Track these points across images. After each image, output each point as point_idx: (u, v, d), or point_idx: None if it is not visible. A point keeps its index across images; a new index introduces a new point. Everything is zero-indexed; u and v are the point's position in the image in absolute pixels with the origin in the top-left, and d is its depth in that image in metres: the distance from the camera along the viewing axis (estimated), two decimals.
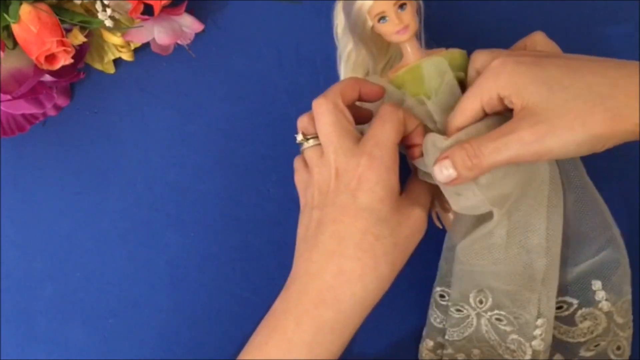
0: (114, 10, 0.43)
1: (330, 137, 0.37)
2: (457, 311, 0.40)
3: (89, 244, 0.48)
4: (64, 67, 0.41)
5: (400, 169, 0.38)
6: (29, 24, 0.39)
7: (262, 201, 0.47)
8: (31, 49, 0.40)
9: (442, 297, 0.42)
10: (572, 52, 0.47)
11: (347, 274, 0.35)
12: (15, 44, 0.41)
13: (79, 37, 0.43)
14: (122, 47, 0.47)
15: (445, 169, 0.36)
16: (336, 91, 0.38)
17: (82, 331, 0.47)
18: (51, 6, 0.41)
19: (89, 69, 0.48)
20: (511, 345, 0.39)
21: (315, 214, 0.38)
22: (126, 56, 0.48)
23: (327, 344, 0.36)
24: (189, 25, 0.46)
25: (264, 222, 0.47)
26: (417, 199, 0.39)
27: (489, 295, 0.39)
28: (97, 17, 0.43)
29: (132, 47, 0.48)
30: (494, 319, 0.39)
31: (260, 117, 0.48)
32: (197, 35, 0.47)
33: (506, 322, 0.39)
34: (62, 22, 0.41)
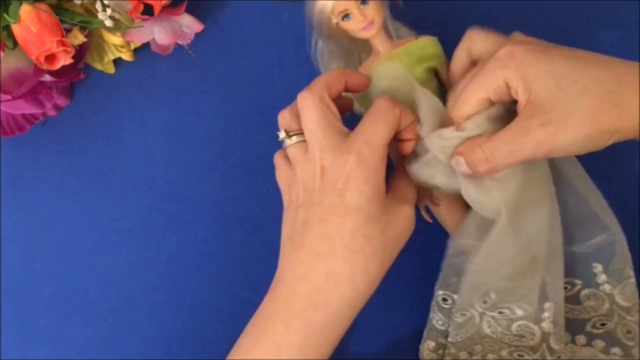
0: (114, 10, 0.43)
1: (315, 133, 0.36)
2: (462, 315, 0.40)
3: (89, 244, 0.48)
4: (64, 67, 0.41)
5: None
6: (29, 24, 0.39)
7: (262, 201, 0.47)
8: (31, 49, 0.40)
9: (445, 300, 0.41)
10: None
11: (337, 276, 0.35)
12: (15, 44, 0.41)
13: (79, 37, 0.43)
14: (122, 47, 0.47)
15: (462, 167, 0.36)
16: (322, 84, 0.37)
17: (82, 331, 0.47)
18: (51, 6, 0.41)
19: (89, 69, 0.48)
20: (518, 331, 0.38)
21: (300, 213, 0.37)
22: (126, 56, 0.48)
23: (317, 346, 0.35)
24: (189, 25, 0.46)
25: (264, 222, 0.47)
26: (403, 197, 0.38)
27: (493, 294, 0.39)
28: (97, 17, 0.43)
29: (132, 47, 0.48)
30: (496, 312, 0.39)
31: (260, 117, 0.48)
32: (197, 35, 0.47)
33: (509, 312, 0.38)
34: (62, 22, 0.41)
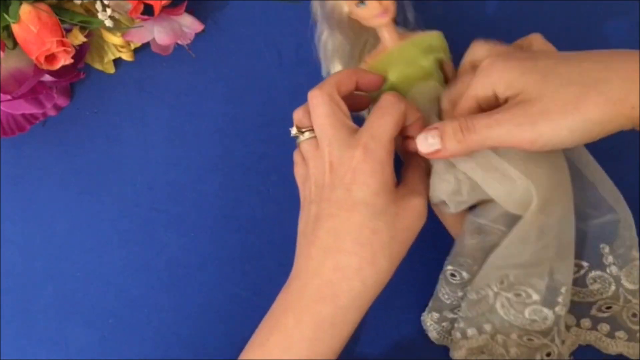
0: (114, 10, 0.43)
1: (324, 129, 0.37)
2: (477, 294, 0.39)
3: (89, 244, 0.48)
4: (64, 67, 0.41)
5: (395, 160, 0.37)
6: (29, 24, 0.39)
7: (262, 201, 0.47)
8: (31, 49, 0.40)
9: (453, 276, 0.41)
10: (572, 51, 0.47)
11: (345, 269, 0.35)
12: (15, 44, 0.41)
13: (79, 37, 0.43)
14: (122, 47, 0.47)
15: (431, 138, 0.36)
16: (332, 83, 0.37)
17: (82, 331, 0.47)
18: (51, 6, 0.41)
19: (89, 69, 0.48)
20: (532, 315, 0.38)
21: (313, 209, 0.38)
22: (126, 56, 0.48)
23: (327, 339, 0.36)
24: (189, 25, 0.46)
25: (264, 222, 0.47)
26: (414, 189, 0.38)
27: (512, 276, 0.38)
28: (97, 17, 0.43)
29: (132, 47, 0.48)
30: (511, 294, 0.38)
31: (260, 117, 0.48)
32: (197, 35, 0.48)
33: (525, 295, 0.38)
34: (62, 22, 0.41)
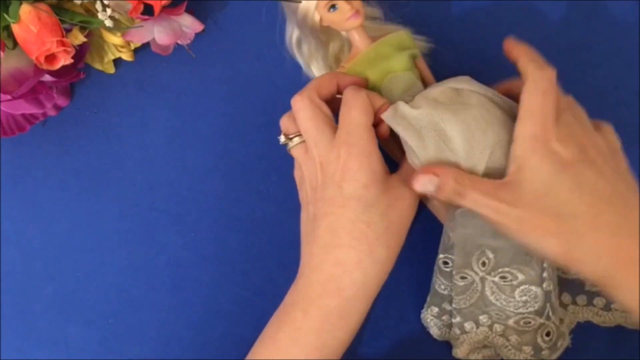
0: (114, 10, 0.43)
1: (309, 131, 0.38)
2: (462, 279, 0.40)
3: (89, 244, 0.48)
4: (64, 67, 0.41)
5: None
6: (29, 24, 0.39)
7: (262, 201, 0.47)
8: (31, 49, 0.40)
9: (446, 263, 0.41)
10: (571, 51, 0.48)
11: (345, 263, 0.36)
12: (15, 44, 0.41)
13: (79, 37, 0.43)
14: (122, 47, 0.47)
15: (429, 184, 0.36)
16: (312, 87, 0.39)
17: (82, 331, 0.47)
18: (51, 6, 0.41)
19: (89, 69, 0.48)
20: (522, 296, 0.39)
21: (310, 209, 0.39)
22: (126, 56, 0.48)
23: (335, 331, 0.37)
24: (189, 25, 0.46)
25: (264, 222, 0.47)
26: (407, 178, 0.39)
27: (491, 255, 0.39)
28: (97, 17, 0.43)
29: (132, 47, 0.48)
30: (498, 278, 0.39)
31: (260, 117, 0.48)
32: (197, 35, 0.48)
33: (511, 277, 0.38)
34: (62, 22, 0.41)
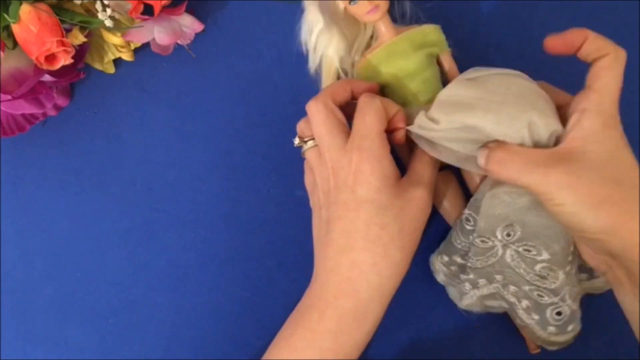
0: (114, 10, 0.43)
1: (322, 136, 0.39)
2: (482, 242, 0.39)
3: (89, 244, 0.48)
4: (64, 67, 0.41)
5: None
6: (29, 24, 0.39)
7: (262, 201, 0.47)
8: (31, 49, 0.40)
9: (468, 221, 0.41)
10: None
11: (361, 265, 0.37)
12: (15, 44, 0.41)
13: (79, 37, 0.43)
14: (122, 47, 0.47)
15: (481, 157, 0.37)
16: (326, 93, 0.39)
17: (82, 331, 0.47)
18: (51, 6, 0.41)
19: (89, 69, 0.48)
20: (542, 272, 0.38)
21: (323, 214, 0.39)
22: (126, 56, 0.48)
23: (351, 331, 0.37)
24: (189, 25, 0.46)
25: (264, 222, 0.47)
26: (418, 179, 0.39)
27: (518, 229, 0.38)
28: (97, 17, 0.43)
29: (132, 47, 0.48)
30: (521, 249, 0.38)
31: (260, 117, 0.48)
32: (197, 35, 0.48)
33: (536, 252, 0.38)
34: (62, 22, 0.41)
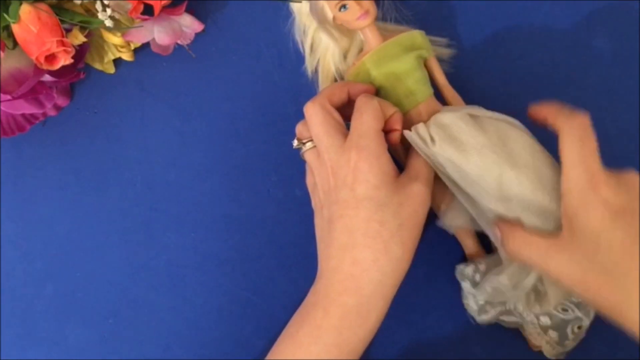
0: (114, 10, 0.43)
1: (319, 136, 0.39)
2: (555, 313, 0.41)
3: (89, 244, 0.48)
4: (64, 67, 0.41)
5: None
6: (29, 24, 0.39)
7: (262, 201, 0.47)
8: (31, 49, 0.40)
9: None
10: (571, 51, 0.48)
11: (362, 262, 0.37)
12: (15, 44, 0.41)
13: (79, 37, 0.43)
14: (122, 47, 0.47)
15: (494, 237, 0.39)
16: (323, 94, 0.40)
17: (82, 331, 0.47)
18: (51, 6, 0.41)
19: (89, 69, 0.48)
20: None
21: (325, 213, 0.40)
22: (126, 56, 0.48)
23: (355, 328, 0.37)
24: (189, 25, 0.46)
25: (264, 222, 0.47)
26: (416, 175, 0.39)
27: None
28: (97, 17, 0.43)
29: (132, 47, 0.48)
30: (559, 309, 0.40)
31: (260, 117, 0.48)
32: (197, 35, 0.48)
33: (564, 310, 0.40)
34: (62, 22, 0.41)
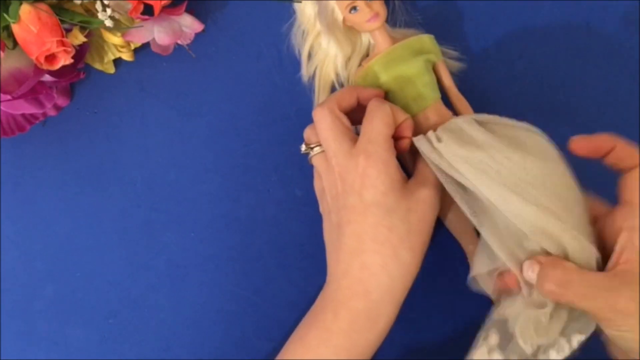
0: (114, 10, 0.43)
1: (328, 141, 0.39)
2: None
3: (89, 244, 0.48)
4: (64, 67, 0.41)
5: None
6: (29, 24, 0.39)
7: (262, 201, 0.47)
8: (31, 49, 0.40)
9: None
10: (571, 51, 0.48)
11: (371, 267, 0.37)
12: (15, 44, 0.41)
13: (79, 37, 0.43)
14: (122, 47, 0.47)
15: (531, 272, 0.36)
16: (332, 99, 0.40)
17: (82, 331, 0.47)
18: (51, 6, 0.41)
19: (89, 69, 0.48)
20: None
21: (333, 219, 0.40)
22: (126, 56, 0.48)
23: (363, 331, 0.38)
24: (189, 25, 0.46)
25: (264, 222, 0.47)
26: (424, 181, 0.40)
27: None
28: (97, 17, 0.43)
29: (132, 47, 0.48)
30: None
31: (260, 117, 0.48)
32: (197, 35, 0.47)
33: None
34: (62, 22, 0.41)
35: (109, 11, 0.42)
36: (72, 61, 0.41)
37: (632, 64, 0.47)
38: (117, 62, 0.49)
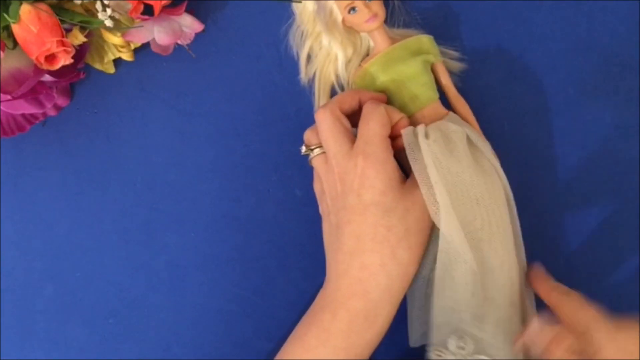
0: (114, 10, 0.43)
1: (328, 142, 0.40)
2: (437, 355, 0.39)
3: (89, 244, 0.48)
4: (64, 67, 0.41)
5: None
6: (29, 24, 0.39)
7: (262, 201, 0.47)
8: (31, 49, 0.40)
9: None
10: (571, 51, 0.47)
11: (370, 267, 0.38)
12: (15, 44, 0.41)
13: (79, 37, 0.43)
14: (122, 47, 0.47)
15: (536, 346, 0.36)
16: (334, 101, 0.41)
17: (82, 331, 0.47)
18: (51, 6, 0.41)
19: (89, 69, 0.48)
20: None
21: (332, 219, 0.40)
22: (126, 56, 0.48)
23: (361, 331, 0.38)
24: (189, 25, 0.46)
25: (264, 222, 0.47)
26: None
27: (471, 343, 0.38)
28: (97, 17, 0.43)
29: (132, 47, 0.48)
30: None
31: (260, 117, 0.48)
32: (197, 35, 0.47)
33: None
34: (62, 22, 0.41)
35: (109, 11, 0.42)
36: (72, 61, 0.41)
37: (632, 64, 0.47)
38: (117, 62, 0.49)
